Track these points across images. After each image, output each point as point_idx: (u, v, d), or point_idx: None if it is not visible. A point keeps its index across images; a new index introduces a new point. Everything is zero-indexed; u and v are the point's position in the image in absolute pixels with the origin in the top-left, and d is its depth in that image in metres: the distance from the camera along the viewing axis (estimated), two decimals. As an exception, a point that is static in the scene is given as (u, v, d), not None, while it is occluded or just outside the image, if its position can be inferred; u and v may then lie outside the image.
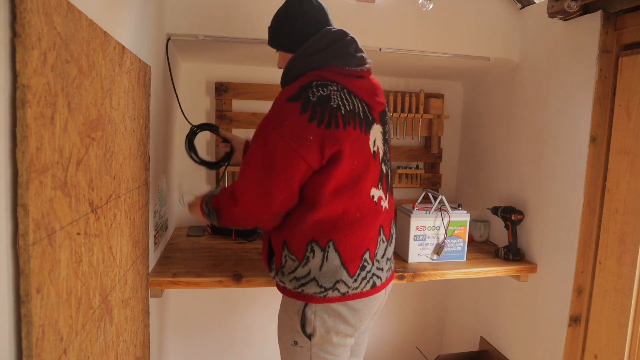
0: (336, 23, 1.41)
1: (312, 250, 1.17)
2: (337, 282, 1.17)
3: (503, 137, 2.06)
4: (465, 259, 1.78)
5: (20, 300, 0.60)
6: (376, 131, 1.22)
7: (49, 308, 0.66)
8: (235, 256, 1.71)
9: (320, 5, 1.27)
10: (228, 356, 2.31)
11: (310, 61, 1.19)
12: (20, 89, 0.58)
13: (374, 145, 1.20)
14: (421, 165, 2.45)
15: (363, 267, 1.20)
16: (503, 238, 1.94)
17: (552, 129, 1.70)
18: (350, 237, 1.17)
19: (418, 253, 1.73)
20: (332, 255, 1.17)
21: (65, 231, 0.72)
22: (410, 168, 2.38)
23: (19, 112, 0.58)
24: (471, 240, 2.10)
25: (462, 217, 1.76)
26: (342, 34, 1.21)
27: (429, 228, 1.73)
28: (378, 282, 1.25)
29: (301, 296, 1.21)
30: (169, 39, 1.64)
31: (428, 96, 2.36)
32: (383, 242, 1.26)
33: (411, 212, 1.71)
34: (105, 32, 0.89)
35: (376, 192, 1.21)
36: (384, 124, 1.27)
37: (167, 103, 1.73)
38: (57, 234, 0.69)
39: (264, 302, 2.30)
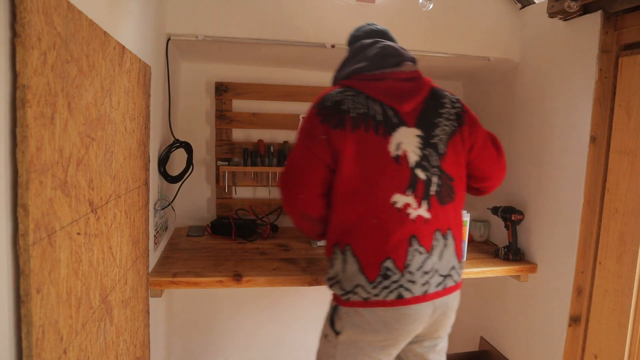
0: (336, 23, 1.42)
1: (335, 253, 1.21)
2: (357, 286, 1.16)
3: (503, 137, 2.05)
4: (465, 259, 1.78)
5: (20, 300, 0.60)
6: (404, 134, 1.16)
7: (49, 308, 0.66)
8: (235, 256, 1.71)
9: (374, 28, 1.35)
10: (228, 356, 2.30)
11: (339, 75, 1.30)
12: (20, 89, 0.58)
13: (398, 149, 1.15)
14: (421, 165, 2.45)
15: (386, 276, 1.14)
16: (503, 238, 1.94)
17: (552, 129, 1.70)
18: (366, 243, 1.15)
19: None
20: (351, 259, 1.17)
21: (65, 231, 0.72)
22: (410, 168, 2.38)
23: (19, 112, 0.58)
24: (471, 240, 2.10)
25: (462, 217, 1.75)
26: (373, 43, 1.26)
27: None
28: (407, 295, 1.15)
29: (334, 296, 1.25)
30: (169, 39, 1.64)
31: (428, 96, 2.35)
32: (420, 253, 1.15)
33: None
34: (105, 32, 0.89)
35: (401, 199, 1.15)
36: (427, 126, 1.19)
37: (167, 103, 1.73)
38: (57, 234, 0.69)
39: (264, 302, 2.30)
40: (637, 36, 1.40)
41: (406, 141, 1.16)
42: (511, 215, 1.80)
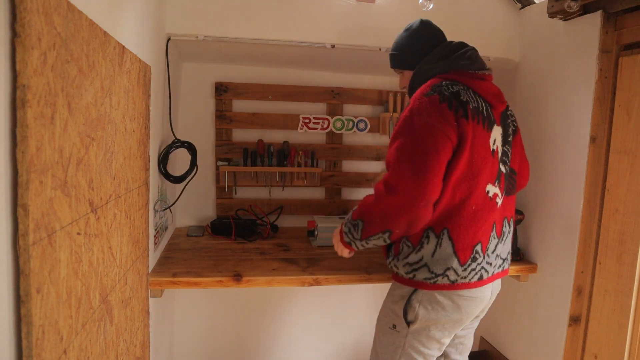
0: (336, 23, 1.42)
1: (427, 237, 1.25)
2: (448, 269, 1.24)
3: (503, 137, 2.06)
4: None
5: (20, 300, 0.60)
6: (496, 132, 1.31)
7: (49, 308, 0.66)
8: (235, 256, 1.71)
9: (434, 26, 1.44)
10: (228, 356, 2.30)
11: (436, 66, 1.34)
12: (20, 89, 0.58)
13: (494, 144, 1.29)
14: (421, 165, 2.45)
15: (474, 259, 1.26)
16: (503, 238, 1.94)
17: (552, 128, 1.70)
18: (465, 227, 1.24)
19: None
20: (446, 242, 1.23)
21: (65, 231, 0.72)
22: (410, 168, 2.38)
23: (19, 112, 0.58)
24: (471, 240, 2.09)
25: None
26: (462, 44, 1.37)
27: None
28: (485, 276, 1.29)
29: (412, 282, 1.28)
30: (169, 39, 1.64)
31: (428, 96, 2.35)
32: (494, 238, 1.30)
33: None
34: (105, 32, 0.89)
35: (492, 189, 1.28)
36: (505, 126, 1.35)
37: (168, 103, 1.73)
38: (57, 234, 0.69)
39: (264, 302, 2.30)
40: (637, 36, 1.40)
41: (497, 138, 1.31)
42: (511, 215, 1.80)
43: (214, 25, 1.63)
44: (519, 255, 1.80)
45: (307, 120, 2.24)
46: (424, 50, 1.39)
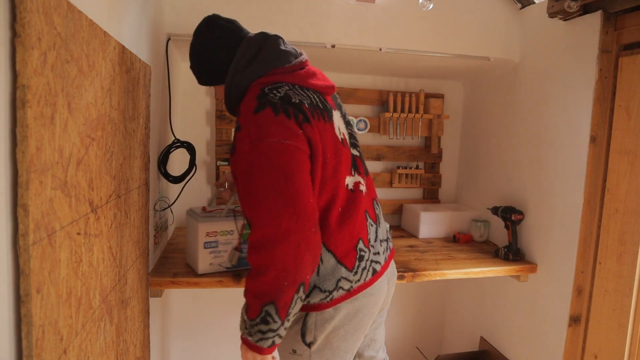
0: (336, 23, 1.41)
1: None
2: (339, 280, 1.11)
3: (503, 137, 2.06)
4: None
5: (20, 300, 0.60)
6: (337, 117, 1.19)
7: (49, 308, 0.66)
8: (235, 256, 1.71)
9: (226, 19, 1.24)
10: (228, 356, 2.30)
11: (248, 73, 1.14)
12: (20, 89, 0.58)
13: (340, 133, 1.17)
14: (421, 165, 2.45)
15: (361, 257, 1.15)
16: (503, 238, 1.94)
17: (552, 129, 1.70)
18: (338, 233, 1.12)
19: (210, 262, 1.49)
20: (327, 256, 1.11)
21: (65, 231, 0.72)
22: (410, 168, 2.38)
23: (19, 112, 0.58)
24: (471, 240, 2.10)
25: None
26: (264, 35, 1.18)
27: (221, 233, 1.49)
28: (378, 268, 1.19)
29: (307, 307, 1.12)
30: (169, 39, 1.64)
31: (428, 96, 2.36)
32: (372, 225, 1.21)
33: (199, 217, 1.47)
34: (105, 32, 0.89)
35: (350, 180, 1.16)
36: (339, 107, 1.25)
37: (168, 103, 1.73)
38: (57, 234, 0.69)
39: (264, 302, 2.30)
40: (637, 36, 1.40)
41: (339, 124, 1.19)
42: (511, 215, 1.80)
43: (214, 25, 1.63)
44: (519, 255, 1.80)
45: (307, 120, 2.23)
46: (227, 56, 1.17)
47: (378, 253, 1.21)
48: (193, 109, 2.15)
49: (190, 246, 1.55)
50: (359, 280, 1.14)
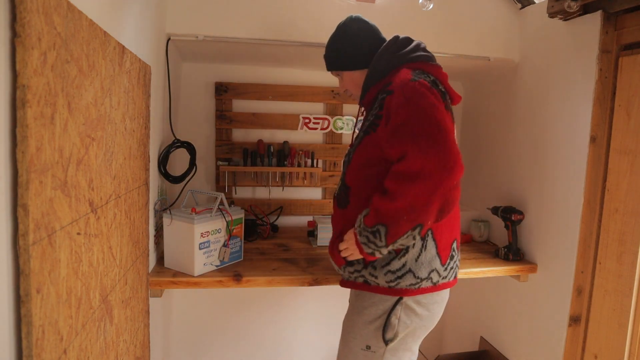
0: (336, 23, 1.42)
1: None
2: (432, 271, 1.18)
3: (503, 137, 2.06)
4: (242, 258, 1.66)
5: (20, 300, 0.60)
6: (454, 123, 1.27)
7: (49, 308, 0.66)
8: (235, 256, 1.71)
9: (368, 20, 1.38)
10: (228, 356, 2.31)
11: (399, 57, 1.24)
12: (20, 89, 0.58)
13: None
14: (421, 165, 2.45)
15: (452, 257, 1.22)
16: (503, 238, 1.94)
17: (552, 129, 1.70)
18: (447, 225, 1.19)
19: (204, 263, 1.51)
20: (430, 244, 1.17)
21: (65, 231, 0.72)
22: (410, 168, 2.38)
23: (19, 112, 0.58)
24: (471, 240, 2.10)
25: (239, 214, 1.63)
26: (409, 38, 1.30)
27: (212, 232, 1.52)
28: (457, 273, 1.28)
29: (394, 291, 1.17)
30: (169, 39, 1.64)
31: (428, 96, 2.36)
32: (460, 234, 1.31)
33: (194, 218, 1.46)
34: (105, 32, 0.89)
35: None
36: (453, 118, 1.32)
37: (168, 103, 1.73)
38: (57, 234, 0.69)
39: (264, 302, 2.30)
40: (637, 36, 1.40)
41: (456, 129, 1.26)
42: (511, 215, 1.80)
43: (214, 25, 1.63)
44: (519, 255, 1.80)
45: (307, 120, 2.24)
46: (372, 46, 1.31)
47: (458, 261, 1.29)
48: (193, 109, 2.15)
49: (177, 250, 1.51)
50: (446, 277, 1.21)
